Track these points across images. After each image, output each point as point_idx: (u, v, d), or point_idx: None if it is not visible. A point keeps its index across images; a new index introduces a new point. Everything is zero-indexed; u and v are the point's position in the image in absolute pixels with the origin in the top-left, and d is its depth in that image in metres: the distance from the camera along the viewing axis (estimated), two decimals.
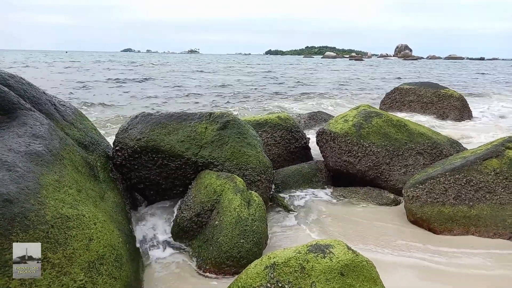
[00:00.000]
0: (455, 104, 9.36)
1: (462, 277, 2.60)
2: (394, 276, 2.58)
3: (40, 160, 2.29)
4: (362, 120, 4.39)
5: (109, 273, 2.02)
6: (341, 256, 1.83)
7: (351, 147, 4.27)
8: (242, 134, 3.53)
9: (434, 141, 4.37)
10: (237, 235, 2.71)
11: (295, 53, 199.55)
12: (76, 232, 2.00)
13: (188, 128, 3.38)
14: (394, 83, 20.81)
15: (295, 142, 4.91)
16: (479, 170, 3.37)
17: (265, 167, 3.51)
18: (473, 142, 6.53)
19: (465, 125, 8.57)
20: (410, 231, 3.33)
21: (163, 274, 2.65)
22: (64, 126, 3.06)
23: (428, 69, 34.58)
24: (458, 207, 3.29)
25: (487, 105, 12.22)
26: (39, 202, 1.96)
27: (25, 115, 2.65)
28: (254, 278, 1.86)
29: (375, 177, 4.22)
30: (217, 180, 3.09)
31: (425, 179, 3.50)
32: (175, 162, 3.28)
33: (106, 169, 3.18)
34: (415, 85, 10.01)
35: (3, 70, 2.94)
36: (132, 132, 3.34)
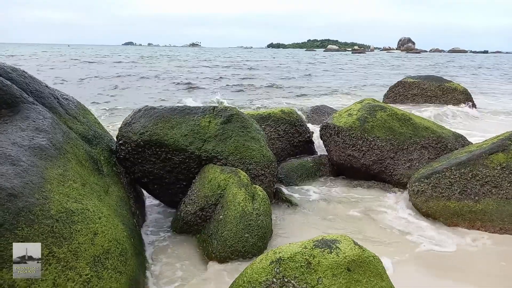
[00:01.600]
0: (459, 97, 9.30)
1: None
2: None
3: (44, 154, 2.28)
4: (367, 113, 4.35)
5: (114, 268, 2.01)
6: (348, 252, 1.82)
7: (355, 141, 4.24)
8: (246, 128, 3.51)
9: (439, 135, 4.33)
10: (241, 229, 2.70)
11: (297, 46, 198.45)
12: (81, 226, 1.99)
13: (191, 122, 3.36)
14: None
15: (298, 136, 4.88)
16: (485, 164, 3.34)
17: (268, 161, 3.49)
18: (477, 135, 6.48)
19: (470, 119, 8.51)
20: (416, 225, 3.31)
21: (169, 266, 2.65)
22: (67, 120, 3.04)
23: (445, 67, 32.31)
24: (464, 201, 3.27)
25: (493, 99, 12.13)
26: (44, 196, 1.95)
27: (28, 109, 2.63)
28: (260, 273, 1.85)
29: (379, 171, 4.20)
30: (221, 174, 3.07)
31: (430, 173, 3.47)
32: (179, 156, 3.26)
33: (110, 163, 3.17)
34: (419, 79, 9.93)
35: (5, 64, 2.91)
36: (135, 126, 3.32)
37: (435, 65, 36.23)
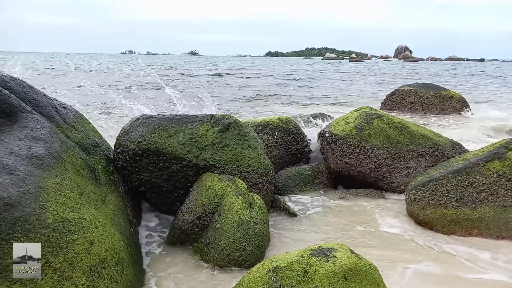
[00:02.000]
0: (456, 105, 9.35)
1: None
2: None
3: (41, 163, 2.28)
4: (364, 122, 4.38)
5: (110, 277, 2.01)
6: (344, 260, 1.82)
7: (352, 149, 4.26)
8: (243, 136, 3.52)
9: (436, 143, 4.36)
10: (239, 238, 2.70)
11: (295, 54, 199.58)
12: (78, 236, 1.99)
13: (189, 130, 3.37)
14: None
15: (296, 144, 4.90)
16: (481, 172, 3.35)
17: (266, 169, 3.50)
18: (474, 144, 6.50)
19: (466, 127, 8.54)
20: (414, 233, 3.31)
21: (166, 275, 2.64)
22: (65, 129, 3.05)
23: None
24: (460, 209, 3.28)
25: (488, 107, 12.18)
26: (40, 205, 1.95)
27: (26, 118, 2.64)
28: (257, 282, 1.85)
29: (376, 179, 4.21)
30: (219, 182, 3.08)
31: (427, 181, 3.48)
32: (176, 165, 3.27)
33: (107, 172, 3.17)
34: (416, 87, 10.00)
35: (4, 73, 2.93)
36: (133, 135, 3.33)
37: (440, 74, 34.53)
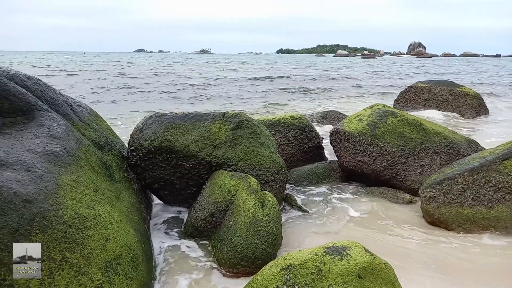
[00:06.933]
0: (471, 102, 9.18)
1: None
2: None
3: (58, 161, 2.32)
4: (377, 119, 4.33)
5: (125, 273, 2.03)
6: (359, 259, 1.80)
7: (365, 147, 4.22)
8: (256, 134, 3.52)
9: (451, 141, 4.28)
10: (251, 236, 2.70)
11: (307, 51, 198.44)
12: (93, 232, 2.02)
13: (202, 128, 3.38)
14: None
15: (308, 141, 4.87)
16: (498, 170, 3.28)
17: (278, 167, 3.49)
18: (490, 141, 6.38)
19: (482, 124, 8.38)
20: (428, 231, 3.27)
21: (178, 271, 2.66)
22: (80, 127, 3.09)
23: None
24: (476, 208, 3.22)
25: (504, 104, 11.93)
26: (57, 202, 1.98)
27: (43, 116, 2.69)
28: (270, 280, 1.85)
29: (390, 177, 4.16)
30: (231, 180, 3.08)
31: (442, 179, 3.43)
32: (189, 162, 3.29)
33: (121, 169, 3.21)
34: (430, 83, 9.84)
35: (21, 72, 2.99)
36: (146, 133, 3.36)
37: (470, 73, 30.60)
